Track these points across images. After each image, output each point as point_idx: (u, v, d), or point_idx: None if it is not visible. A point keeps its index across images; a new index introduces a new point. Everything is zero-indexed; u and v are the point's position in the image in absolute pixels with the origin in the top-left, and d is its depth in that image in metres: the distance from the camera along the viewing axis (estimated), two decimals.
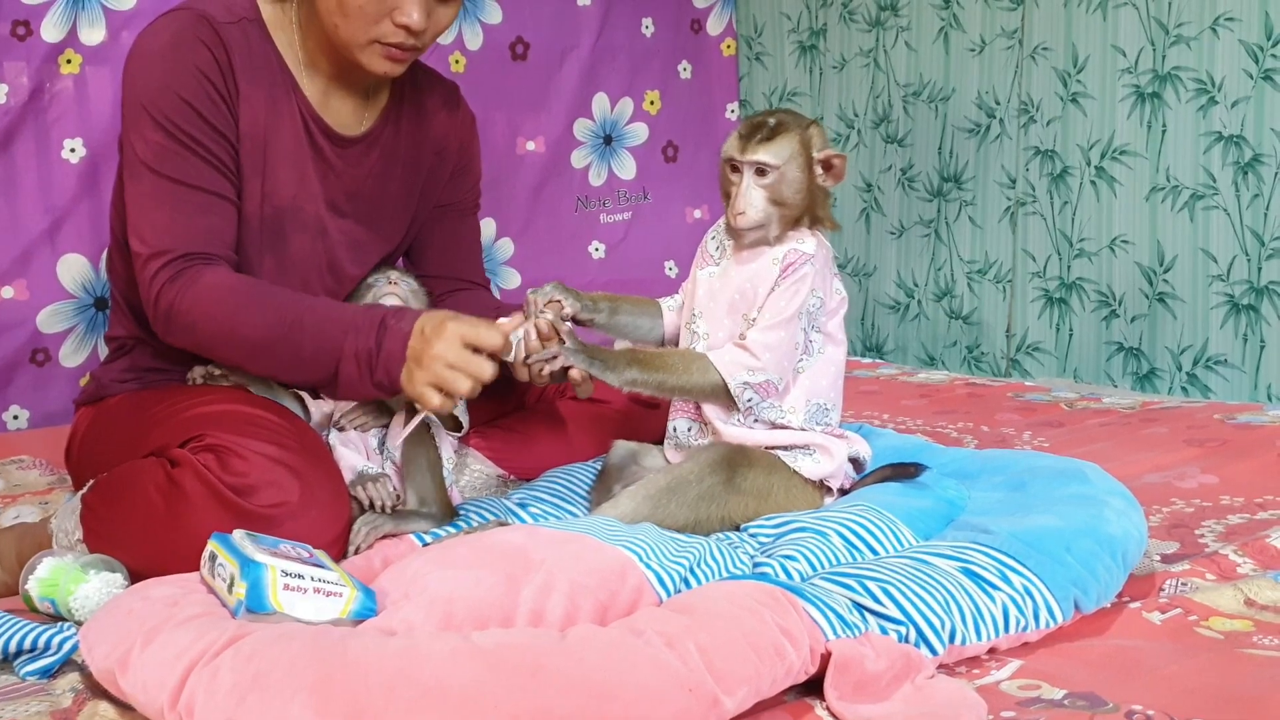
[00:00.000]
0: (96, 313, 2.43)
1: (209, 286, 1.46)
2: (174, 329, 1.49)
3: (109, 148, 2.37)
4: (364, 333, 1.40)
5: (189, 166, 1.50)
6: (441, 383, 1.36)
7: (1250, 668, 1.16)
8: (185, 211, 1.49)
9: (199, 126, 1.50)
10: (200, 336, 1.48)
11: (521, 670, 0.94)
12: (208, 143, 1.51)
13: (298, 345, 1.42)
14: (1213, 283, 2.52)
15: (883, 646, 1.10)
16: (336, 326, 1.42)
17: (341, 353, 1.40)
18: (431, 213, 1.79)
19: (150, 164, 1.49)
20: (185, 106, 1.49)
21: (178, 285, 1.46)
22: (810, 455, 1.51)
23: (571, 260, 3.17)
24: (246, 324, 1.44)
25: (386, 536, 1.45)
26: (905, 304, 3.15)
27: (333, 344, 1.41)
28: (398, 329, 1.39)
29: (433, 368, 1.35)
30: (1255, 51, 2.42)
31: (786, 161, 1.45)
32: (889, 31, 3.12)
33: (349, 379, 1.41)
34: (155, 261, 1.48)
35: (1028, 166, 2.84)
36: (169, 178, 1.49)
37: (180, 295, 1.46)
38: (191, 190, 1.50)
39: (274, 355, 1.45)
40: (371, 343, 1.39)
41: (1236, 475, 1.81)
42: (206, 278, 1.46)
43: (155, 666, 1.03)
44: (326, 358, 1.42)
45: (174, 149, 1.49)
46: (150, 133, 1.49)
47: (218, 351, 1.52)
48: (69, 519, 1.45)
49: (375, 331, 1.40)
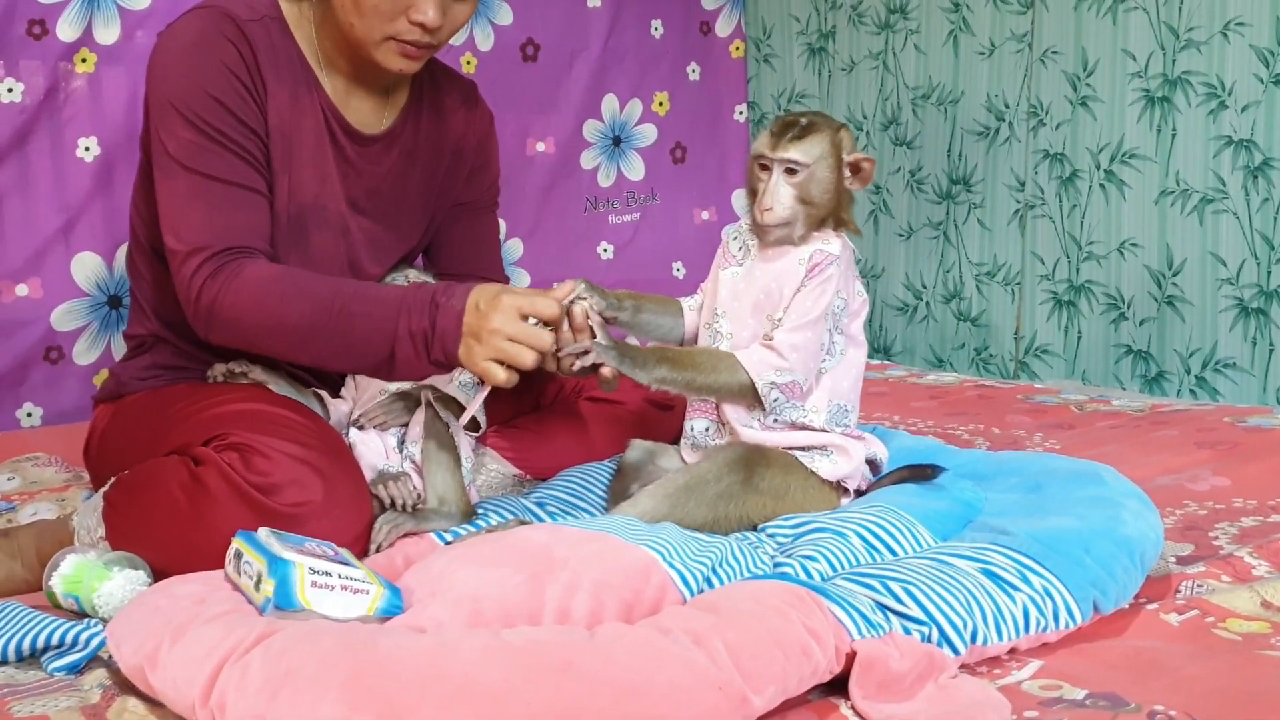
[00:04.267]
0: (110, 311, 2.44)
1: (251, 280, 1.45)
2: (216, 325, 1.47)
3: (123, 147, 2.37)
4: (416, 312, 1.38)
5: (222, 162, 1.49)
6: (504, 356, 1.34)
7: (1269, 669, 1.16)
8: (221, 208, 1.49)
9: (229, 122, 1.50)
10: (245, 330, 1.46)
11: (552, 668, 0.94)
12: (239, 138, 1.51)
13: (347, 331, 1.41)
14: (1222, 286, 2.53)
15: (906, 646, 1.11)
16: (387, 309, 1.40)
17: (396, 334, 1.38)
18: (450, 211, 1.80)
19: (183, 161, 1.49)
20: (214, 103, 1.49)
21: (219, 281, 1.45)
22: (828, 456, 1.52)
23: (580, 261, 3.18)
24: (293, 314, 1.42)
25: (407, 535, 1.46)
26: (914, 306, 3.16)
27: (385, 326, 1.39)
28: (450, 306, 1.37)
29: (493, 342, 1.34)
30: (1266, 56, 2.42)
31: (817, 161, 1.45)
32: (898, 34, 3.13)
33: (406, 359, 1.40)
34: (194, 259, 1.47)
35: (1037, 169, 2.85)
36: (203, 174, 1.49)
37: (223, 290, 1.45)
38: (226, 186, 1.49)
39: (324, 342, 1.42)
40: (426, 322, 1.37)
41: (1248, 478, 1.81)
42: (248, 271, 1.45)
43: (185, 663, 1.04)
44: (380, 340, 1.40)
45: (206, 145, 1.49)
46: (181, 130, 1.49)
47: (264, 344, 1.48)
48: (91, 516, 1.46)
49: (428, 310, 1.38)
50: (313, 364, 1.54)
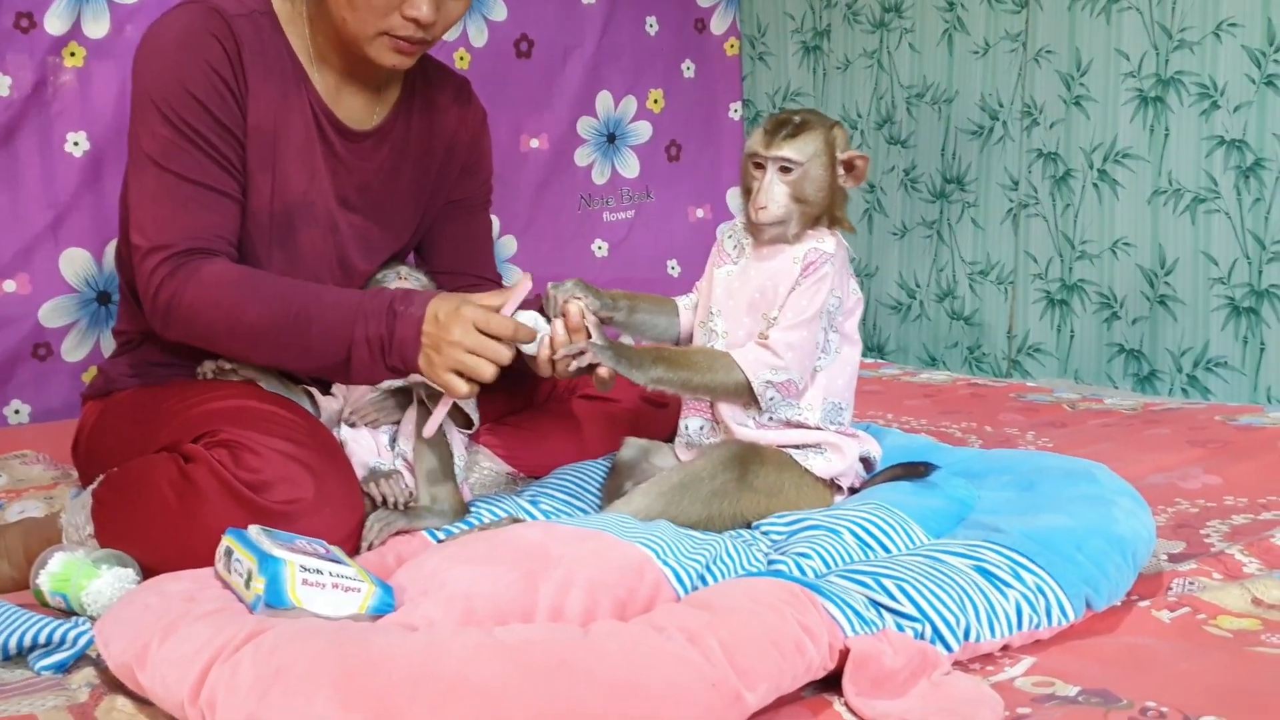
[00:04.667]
0: (99, 307, 2.42)
1: (209, 278, 1.45)
2: (173, 322, 1.48)
3: (112, 141, 2.36)
4: (374, 318, 1.39)
5: (195, 163, 1.49)
6: (463, 369, 1.35)
7: (1260, 666, 1.17)
8: (189, 208, 1.49)
9: (206, 123, 1.50)
10: (201, 328, 1.47)
11: (545, 667, 0.94)
12: (215, 140, 1.51)
13: (304, 333, 1.42)
14: (1213, 285, 2.53)
15: (900, 643, 1.11)
16: (344, 313, 1.41)
17: (353, 339, 1.40)
18: (442, 208, 1.79)
19: (156, 159, 1.49)
20: (194, 102, 1.49)
21: (177, 279, 1.45)
22: (822, 454, 1.52)
23: (574, 258, 3.17)
24: (250, 314, 1.43)
25: (399, 533, 1.46)
26: (907, 304, 3.16)
27: (342, 331, 1.40)
28: (409, 315, 1.38)
29: (453, 355, 1.35)
30: (1258, 57, 2.43)
31: (810, 159, 1.45)
32: (893, 33, 3.13)
33: (362, 364, 1.41)
34: (154, 256, 1.47)
35: (1030, 169, 2.85)
36: (174, 173, 1.49)
37: (181, 288, 1.45)
38: (196, 187, 1.49)
39: (280, 344, 1.44)
40: (383, 329, 1.39)
41: (1239, 476, 1.82)
42: (205, 270, 1.46)
43: (174, 662, 1.03)
44: (337, 344, 1.41)
45: (181, 145, 1.49)
46: (158, 127, 1.49)
47: (220, 343, 1.50)
48: (79, 514, 1.45)
49: (385, 318, 1.39)
50: (270, 364, 1.56)
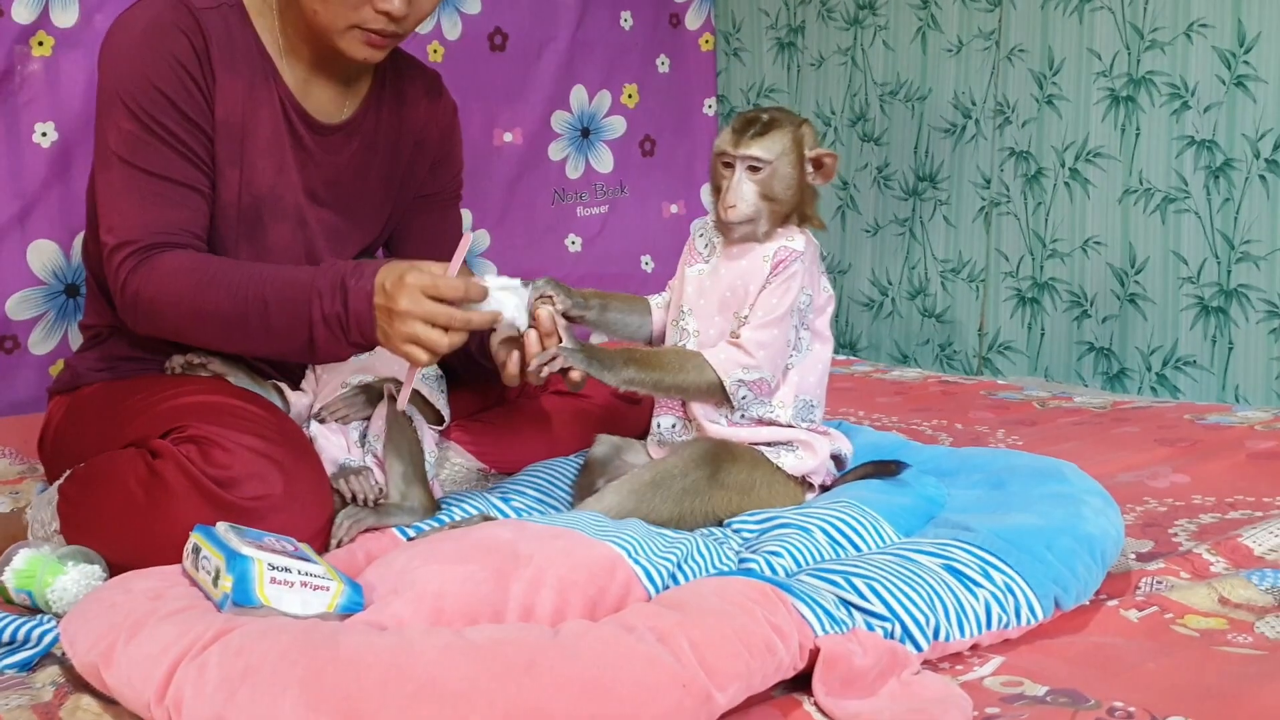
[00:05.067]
0: (67, 300, 2.40)
1: (167, 268, 1.44)
2: (140, 316, 1.47)
3: (81, 132, 2.33)
4: (327, 296, 1.37)
5: (161, 158, 1.48)
6: (417, 339, 1.31)
7: (1226, 665, 1.18)
8: (155, 203, 1.47)
9: (173, 117, 1.48)
10: (166, 321, 1.46)
11: (515, 667, 0.94)
12: (181, 134, 1.49)
13: (264, 318, 1.40)
14: (1183, 285, 2.56)
15: (869, 643, 1.11)
16: (299, 293, 1.38)
17: (311, 319, 1.37)
18: (412, 203, 1.78)
19: (121, 154, 1.47)
20: (160, 96, 1.47)
21: (140, 273, 1.44)
22: (793, 451, 1.52)
23: (548, 253, 3.16)
24: (210, 303, 1.41)
25: (369, 530, 1.45)
26: (879, 301, 3.17)
27: (300, 312, 1.38)
28: (359, 288, 1.35)
29: (403, 327, 1.31)
30: (1228, 58, 2.45)
31: (779, 157, 1.45)
32: (867, 30, 3.14)
33: (325, 343, 1.39)
34: (120, 252, 1.46)
35: (1002, 167, 2.87)
36: (140, 168, 1.47)
37: (144, 282, 1.44)
38: (162, 182, 1.48)
39: (243, 330, 1.42)
40: (338, 305, 1.36)
41: (1207, 475, 1.83)
42: (165, 261, 1.44)
43: (140, 661, 1.02)
44: (298, 326, 1.38)
45: (146, 140, 1.47)
46: (124, 122, 1.47)
47: (186, 334, 1.49)
48: (45, 510, 1.44)
49: (338, 293, 1.36)
50: (238, 352, 1.54)
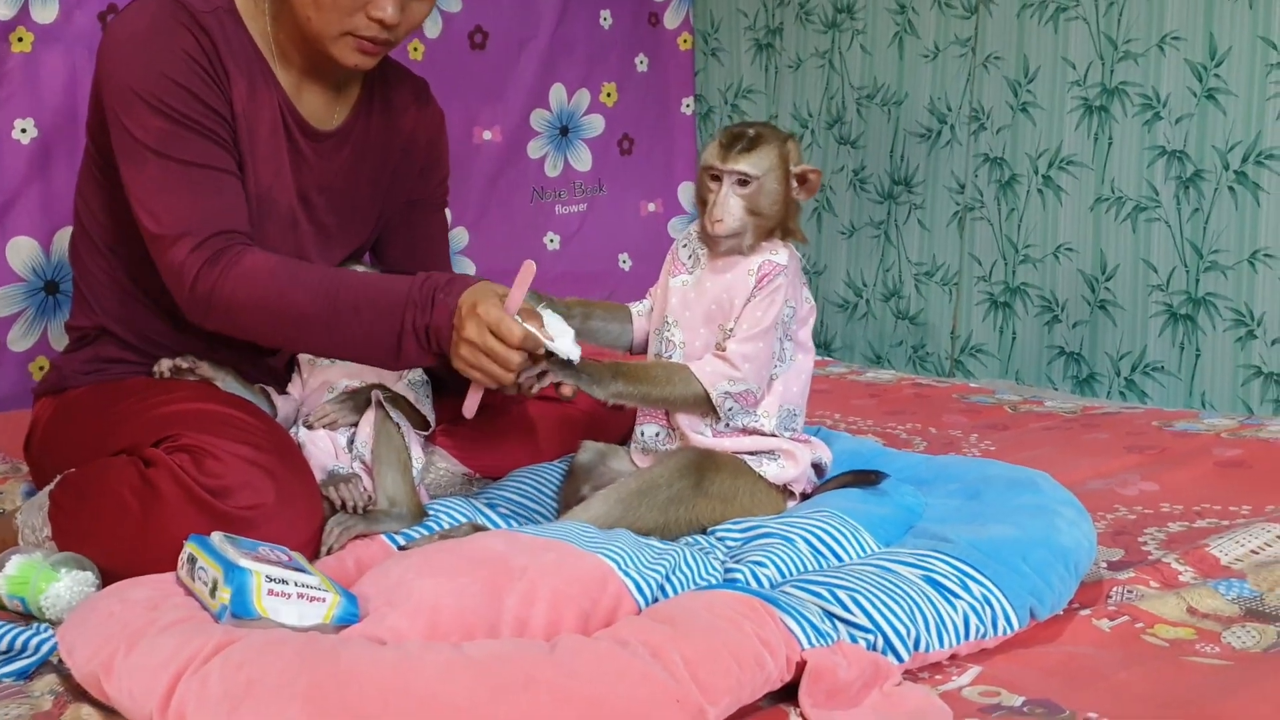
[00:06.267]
0: (47, 297, 2.39)
1: (248, 269, 1.44)
2: (215, 312, 1.47)
3: (62, 129, 2.32)
4: (420, 308, 1.39)
5: (196, 147, 1.48)
6: (479, 368, 1.36)
7: (1194, 676, 1.21)
8: (202, 191, 1.48)
9: (196, 107, 1.49)
10: (245, 320, 1.47)
11: (514, 683, 0.96)
12: (208, 122, 1.50)
13: (354, 323, 1.42)
14: (1152, 292, 2.61)
15: (853, 655, 1.14)
16: (394, 300, 1.41)
17: (402, 328, 1.40)
18: (399, 208, 1.79)
19: (155, 148, 1.47)
20: (179, 88, 1.48)
21: (217, 268, 1.44)
22: (775, 460, 1.55)
23: (526, 251, 3.17)
24: (296, 305, 1.43)
25: (359, 537, 1.46)
26: (854, 303, 3.21)
27: (392, 321, 1.40)
28: (444, 303, 1.38)
29: (467, 354, 1.36)
30: (1199, 70, 2.50)
31: (766, 173, 1.48)
32: (844, 34, 3.17)
33: (413, 351, 1.42)
34: (182, 245, 1.45)
35: (977, 173, 2.91)
36: (177, 160, 1.47)
37: (221, 279, 1.44)
38: (203, 170, 1.48)
39: (329, 334, 1.44)
40: (427, 317, 1.39)
41: (1176, 483, 1.87)
42: (245, 260, 1.45)
43: (142, 673, 1.04)
44: (389, 333, 1.41)
45: (177, 131, 1.47)
46: (149, 118, 1.47)
47: (266, 335, 1.51)
48: (36, 515, 1.44)
49: (429, 307, 1.39)
50: (319, 354, 1.61)
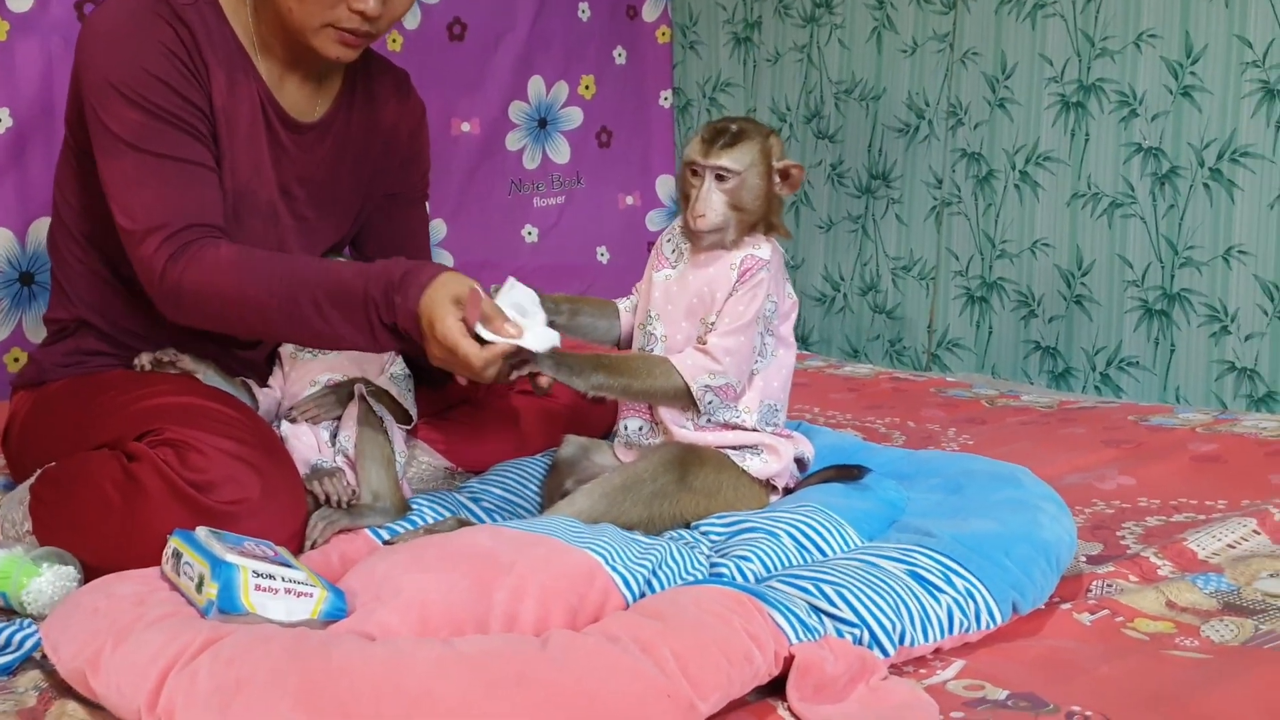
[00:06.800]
0: (22, 288, 2.36)
1: (213, 262, 1.44)
2: (184, 306, 1.46)
3: (38, 119, 2.30)
4: (382, 307, 1.39)
5: (172, 140, 1.48)
6: (447, 364, 1.38)
7: (1174, 670, 1.22)
8: (176, 185, 1.47)
9: (174, 101, 1.48)
10: (212, 312, 1.46)
11: (506, 680, 0.96)
12: (186, 116, 1.49)
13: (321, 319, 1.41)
14: (1128, 288, 2.63)
15: (840, 650, 1.15)
16: (354, 299, 1.40)
17: (371, 323, 1.40)
18: (380, 201, 1.79)
19: (131, 141, 1.46)
20: (157, 82, 1.47)
21: (182, 262, 1.44)
22: (758, 455, 1.55)
23: (504, 243, 3.17)
24: (258, 299, 1.42)
25: (342, 531, 1.46)
26: (831, 297, 3.23)
27: (358, 317, 1.40)
28: (406, 309, 1.38)
29: (434, 350, 1.37)
30: (1175, 68, 2.52)
31: (748, 168, 1.48)
32: (823, 28, 3.17)
33: (388, 341, 1.42)
34: (153, 238, 1.44)
35: (954, 168, 2.93)
36: (153, 153, 1.46)
37: (185, 272, 1.43)
38: (178, 163, 1.47)
39: (298, 326, 1.44)
40: (393, 317, 1.39)
41: (1152, 478, 1.89)
42: (210, 253, 1.44)
43: (129, 669, 1.03)
44: (359, 328, 1.41)
45: (153, 125, 1.47)
46: (126, 110, 1.46)
47: (235, 327, 1.51)
48: (16, 510, 1.43)
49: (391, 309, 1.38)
50: (295, 344, 1.64)
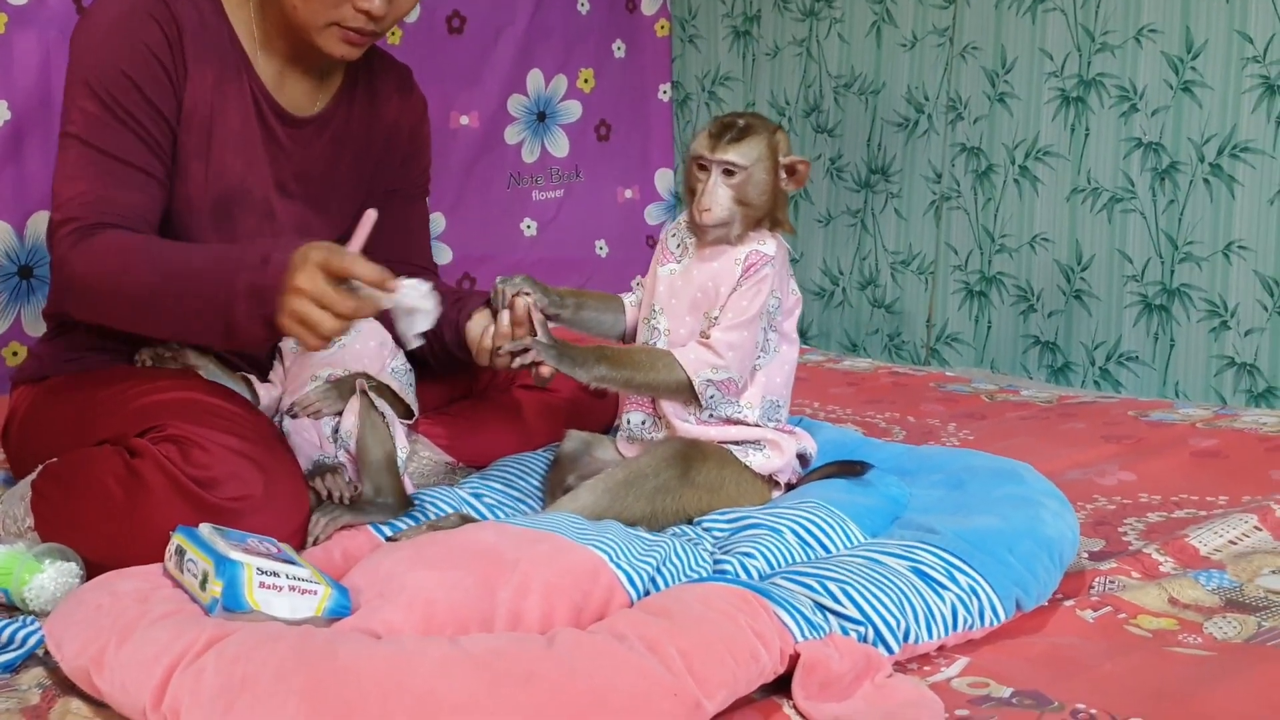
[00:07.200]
0: (21, 281, 2.36)
1: (101, 247, 1.40)
2: (73, 298, 1.44)
3: (36, 112, 2.29)
4: (254, 268, 1.28)
5: (119, 140, 1.46)
6: (303, 319, 1.26)
7: (1179, 667, 1.23)
8: (107, 183, 1.45)
9: (137, 103, 1.47)
10: (92, 300, 1.42)
11: (513, 678, 0.96)
12: (144, 120, 1.48)
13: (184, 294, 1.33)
14: (1127, 283, 2.63)
15: (845, 647, 1.15)
16: (227, 264, 1.32)
17: (234, 291, 1.29)
18: (380, 197, 1.78)
19: (80, 135, 1.46)
20: (127, 82, 1.46)
21: (76, 250, 1.41)
22: (761, 450, 1.55)
23: (503, 237, 3.17)
24: (131, 280, 1.37)
25: (345, 528, 1.46)
26: (830, 291, 3.22)
27: (224, 285, 1.29)
28: (279, 260, 1.27)
29: (294, 304, 1.25)
30: (1175, 63, 2.52)
31: (754, 163, 1.48)
32: (822, 22, 3.17)
33: (244, 318, 1.30)
34: (63, 229, 1.43)
35: (953, 162, 2.92)
36: (96, 149, 1.45)
37: (76, 259, 1.41)
38: (118, 163, 1.46)
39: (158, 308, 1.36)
40: (262, 277, 1.28)
41: (1152, 473, 1.89)
42: (101, 239, 1.41)
43: (134, 667, 1.03)
44: (219, 299, 1.30)
45: (107, 121, 1.46)
46: (86, 103, 1.46)
47: (108, 314, 1.44)
48: (18, 505, 1.43)
49: (263, 266, 1.28)
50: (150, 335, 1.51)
